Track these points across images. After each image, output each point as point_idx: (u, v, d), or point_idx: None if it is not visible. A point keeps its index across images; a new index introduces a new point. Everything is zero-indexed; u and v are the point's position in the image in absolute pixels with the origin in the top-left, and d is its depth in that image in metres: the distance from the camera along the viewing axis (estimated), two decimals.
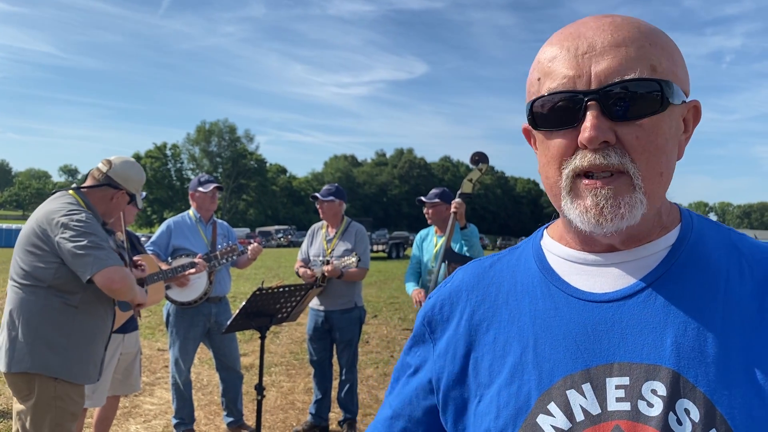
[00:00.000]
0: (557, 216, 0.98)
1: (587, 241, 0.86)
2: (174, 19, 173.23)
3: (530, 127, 0.89)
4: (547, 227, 0.99)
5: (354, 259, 4.57)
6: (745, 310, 0.81)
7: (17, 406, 2.72)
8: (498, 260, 0.99)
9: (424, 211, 4.65)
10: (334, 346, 4.86)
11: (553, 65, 0.81)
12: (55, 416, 2.68)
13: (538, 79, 0.84)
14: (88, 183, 2.98)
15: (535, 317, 0.87)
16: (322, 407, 4.85)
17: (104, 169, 2.97)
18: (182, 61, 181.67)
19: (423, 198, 4.67)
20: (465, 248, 4.28)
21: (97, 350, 2.85)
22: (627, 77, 0.76)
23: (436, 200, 4.56)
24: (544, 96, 0.81)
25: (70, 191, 2.91)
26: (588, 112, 0.77)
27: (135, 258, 3.60)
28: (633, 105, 0.76)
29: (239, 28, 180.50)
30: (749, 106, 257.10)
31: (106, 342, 2.93)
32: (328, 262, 4.66)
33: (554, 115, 0.81)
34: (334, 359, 4.91)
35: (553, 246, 0.92)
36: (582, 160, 0.78)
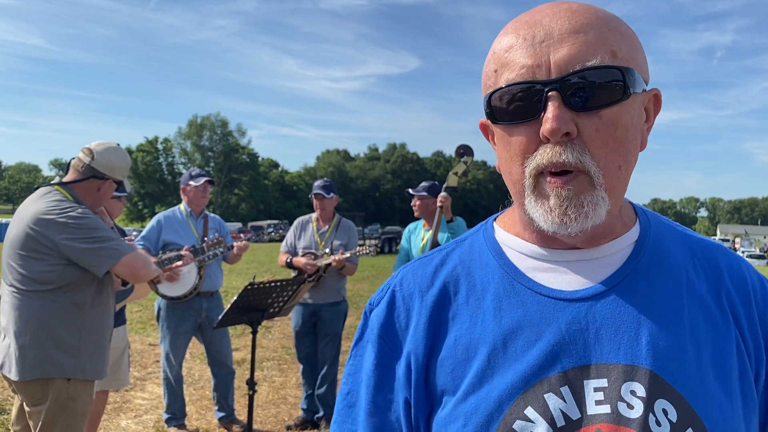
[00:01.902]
0: (507, 206, 0.95)
1: (549, 238, 0.82)
2: (165, 13, 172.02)
3: (488, 122, 0.86)
4: (496, 219, 0.95)
5: (372, 248, 4.58)
6: (706, 308, 0.81)
7: (27, 408, 2.65)
8: (447, 256, 0.92)
9: (412, 203, 4.64)
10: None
11: (510, 55, 0.77)
12: (67, 417, 2.62)
13: (495, 71, 0.79)
14: (70, 176, 2.83)
15: (500, 317, 0.81)
16: (312, 402, 4.85)
17: (86, 159, 2.79)
18: (173, 55, 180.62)
19: (411, 190, 4.66)
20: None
21: (106, 344, 2.82)
22: (588, 64, 0.72)
23: (424, 193, 4.55)
24: (502, 88, 0.77)
25: (56, 186, 2.77)
26: (549, 103, 0.73)
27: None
28: (594, 94, 0.73)
29: (231, 21, 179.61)
30: (740, 102, 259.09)
31: (110, 335, 2.91)
32: (332, 253, 4.65)
33: (514, 107, 0.76)
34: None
35: (511, 240, 0.88)
36: (543, 156, 0.74)
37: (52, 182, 2.83)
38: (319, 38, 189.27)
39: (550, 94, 0.73)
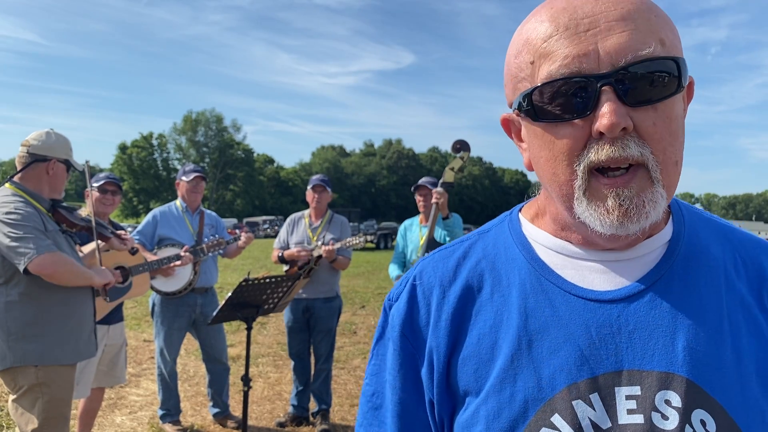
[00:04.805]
0: (529, 197, 0.91)
1: (582, 236, 0.78)
2: (159, 7, 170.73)
3: (514, 117, 0.80)
4: (521, 210, 0.90)
5: (362, 239, 4.60)
6: (746, 309, 0.76)
7: (9, 400, 2.76)
8: (470, 249, 0.87)
9: (418, 199, 4.63)
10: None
11: (551, 45, 0.70)
12: (43, 403, 2.70)
13: (532, 62, 0.72)
14: (18, 170, 2.95)
15: (526, 316, 0.77)
16: (303, 398, 4.86)
17: (24, 150, 2.94)
18: (168, 50, 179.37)
19: (425, 184, 4.63)
20: (447, 238, 4.28)
21: (81, 327, 2.86)
22: (640, 54, 0.67)
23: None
24: (546, 83, 0.70)
25: (6, 185, 2.88)
26: (603, 97, 0.68)
27: (118, 231, 3.55)
28: (649, 87, 0.68)
29: (225, 16, 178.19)
30: (734, 97, 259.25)
31: (91, 316, 2.94)
32: (323, 246, 4.65)
33: (560, 103, 0.70)
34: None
35: (539, 235, 0.83)
36: (598, 153, 0.69)
37: (4, 181, 2.93)
38: (314, 33, 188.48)
39: (603, 88, 0.68)
